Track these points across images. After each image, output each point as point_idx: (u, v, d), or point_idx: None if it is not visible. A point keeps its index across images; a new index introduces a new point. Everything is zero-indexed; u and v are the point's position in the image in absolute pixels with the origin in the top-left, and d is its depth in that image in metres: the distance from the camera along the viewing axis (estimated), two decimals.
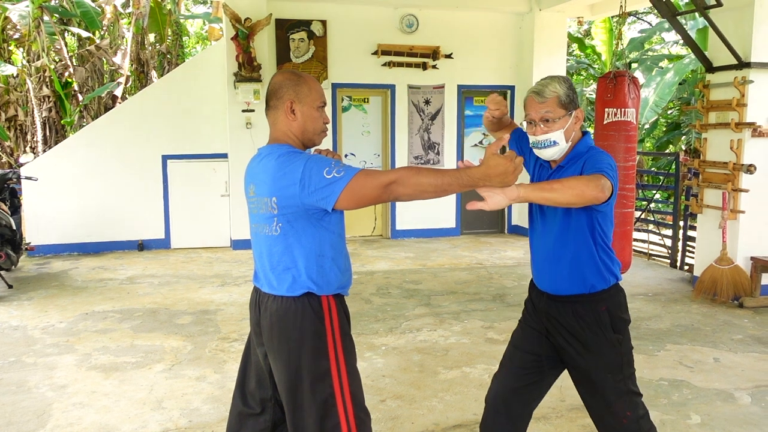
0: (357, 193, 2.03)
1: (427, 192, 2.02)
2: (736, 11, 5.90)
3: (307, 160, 2.08)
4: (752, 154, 5.97)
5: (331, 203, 2.05)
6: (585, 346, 2.36)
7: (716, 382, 4.14)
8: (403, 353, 4.65)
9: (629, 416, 2.35)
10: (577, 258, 2.36)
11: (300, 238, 2.15)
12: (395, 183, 2.00)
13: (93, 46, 13.07)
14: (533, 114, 2.36)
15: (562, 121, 2.34)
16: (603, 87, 4.46)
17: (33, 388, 4.03)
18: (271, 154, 2.18)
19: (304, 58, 8.87)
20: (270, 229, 2.18)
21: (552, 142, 2.34)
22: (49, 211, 8.27)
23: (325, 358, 2.16)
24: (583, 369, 2.39)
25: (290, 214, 2.12)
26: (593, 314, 2.36)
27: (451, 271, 7.39)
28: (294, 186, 2.07)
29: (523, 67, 9.74)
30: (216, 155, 8.70)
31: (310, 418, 2.14)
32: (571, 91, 2.37)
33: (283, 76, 2.27)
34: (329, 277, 2.19)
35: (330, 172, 2.04)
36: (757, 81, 5.88)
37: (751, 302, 5.88)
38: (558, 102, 2.33)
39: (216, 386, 4.05)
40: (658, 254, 8.08)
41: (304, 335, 2.15)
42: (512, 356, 2.54)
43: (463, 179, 1.99)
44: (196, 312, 5.71)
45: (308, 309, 2.16)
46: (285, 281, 2.17)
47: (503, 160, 1.94)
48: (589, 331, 2.36)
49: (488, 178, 1.96)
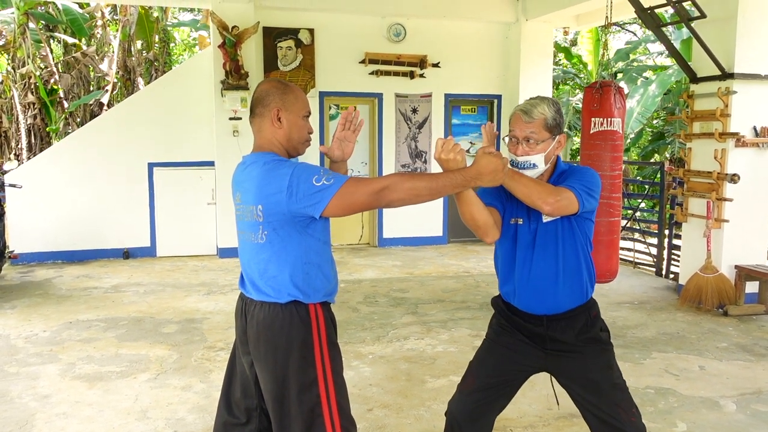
0: (347, 200, 2.04)
1: (421, 196, 2.06)
2: (720, 23, 5.97)
3: (294, 168, 2.09)
4: (736, 163, 6.03)
5: (319, 210, 2.05)
6: (585, 351, 2.41)
7: (702, 390, 4.16)
8: (390, 362, 4.64)
9: (635, 414, 2.38)
10: (578, 272, 2.41)
11: (285, 245, 2.14)
12: (387, 189, 2.02)
13: (79, 53, 13.02)
14: (518, 132, 2.36)
15: (544, 144, 2.34)
16: (589, 97, 4.50)
17: (15, 398, 3.97)
18: (257, 162, 2.18)
19: (291, 66, 8.87)
20: (256, 237, 2.18)
21: (532, 164, 2.34)
22: (33, 219, 8.19)
23: (312, 367, 2.15)
24: (586, 374, 2.41)
25: (276, 221, 2.12)
26: (589, 320, 2.44)
27: (439, 280, 7.40)
28: (281, 193, 2.06)
29: (509, 77, 9.80)
30: (203, 163, 8.67)
31: (297, 427, 2.13)
32: (558, 115, 2.37)
33: (269, 85, 2.28)
34: (315, 284, 2.19)
35: (319, 179, 2.05)
36: (740, 91, 5.95)
37: (736, 310, 5.92)
38: (544, 125, 2.33)
39: (202, 396, 4.02)
40: (643, 263, 8.13)
41: (291, 344, 2.14)
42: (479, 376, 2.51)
43: (456, 180, 2.05)
44: (181, 321, 5.66)
45: (295, 317, 2.15)
46: (271, 289, 2.17)
47: (494, 159, 2.06)
48: (586, 337, 2.42)
49: (480, 176, 2.07)
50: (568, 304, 2.41)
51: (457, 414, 2.50)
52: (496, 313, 2.60)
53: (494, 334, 2.58)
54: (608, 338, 2.48)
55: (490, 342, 2.58)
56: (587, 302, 2.46)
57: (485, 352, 2.57)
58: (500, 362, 2.49)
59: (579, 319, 2.43)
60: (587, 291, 2.45)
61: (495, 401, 2.49)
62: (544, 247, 2.39)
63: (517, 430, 3.56)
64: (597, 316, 2.49)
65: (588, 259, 2.45)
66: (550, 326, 2.42)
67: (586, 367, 2.41)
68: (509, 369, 2.48)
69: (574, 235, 2.38)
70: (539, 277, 2.41)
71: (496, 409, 2.52)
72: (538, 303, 2.42)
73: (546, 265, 2.39)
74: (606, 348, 2.45)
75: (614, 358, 2.47)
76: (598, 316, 2.49)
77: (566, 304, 2.41)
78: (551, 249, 2.39)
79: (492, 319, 2.63)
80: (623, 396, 2.40)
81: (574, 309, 2.42)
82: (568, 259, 2.39)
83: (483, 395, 2.47)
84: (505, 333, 2.52)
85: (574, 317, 2.42)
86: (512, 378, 2.50)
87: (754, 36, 5.93)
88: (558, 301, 2.41)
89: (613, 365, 2.45)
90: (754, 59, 5.95)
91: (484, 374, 2.50)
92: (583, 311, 2.44)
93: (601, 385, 2.40)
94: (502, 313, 2.55)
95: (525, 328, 2.46)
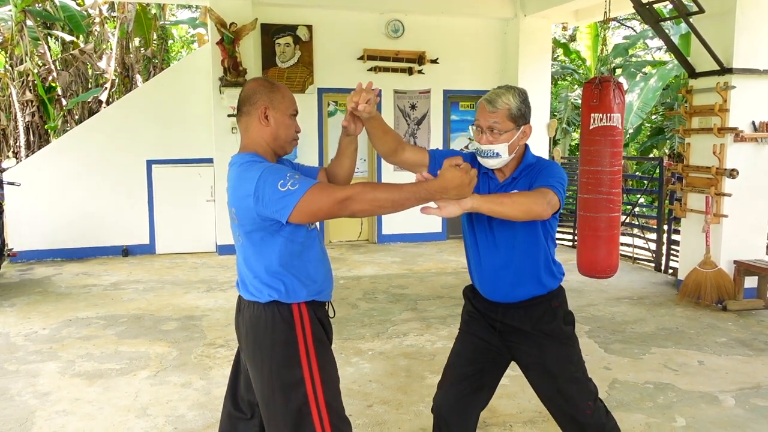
0: (310, 208, 2.01)
1: (384, 207, 2.04)
2: (718, 18, 5.96)
3: (262, 171, 2.06)
4: (735, 158, 6.03)
5: (285, 216, 2.03)
6: (543, 342, 2.43)
7: (701, 385, 4.17)
8: (389, 358, 4.65)
9: (591, 406, 2.42)
10: (534, 262, 2.41)
11: (258, 248, 2.15)
12: (350, 199, 2.00)
13: (77, 50, 12.99)
14: (482, 121, 2.36)
15: (508, 134, 2.33)
16: (589, 92, 4.48)
17: (15, 396, 3.97)
18: (236, 164, 2.19)
19: (289, 63, 8.86)
20: (237, 238, 2.22)
21: (495, 153, 2.34)
22: (32, 217, 8.19)
23: (297, 366, 2.13)
24: (543, 365, 2.45)
25: (248, 224, 2.12)
26: (549, 312, 2.45)
27: (438, 276, 7.40)
28: (249, 198, 2.06)
29: (508, 72, 9.79)
30: (201, 160, 8.66)
31: (285, 427, 2.12)
32: (524, 105, 2.36)
33: (256, 83, 2.27)
34: (294, 286, 2.17)
35: (285, 184, 2.01)
36: (739, 86, 5.95)
37: (735, 305, 5.93)
38: (508, 114, 2.33)
39: (201, 393, 4.02)
40: (642, 258, 8.14)
41: (275, 344, 2.15)
42: (456, 366, 2.55)
43: (420, 193, 2.01)
44: (181, 318, 5.67)
45: (277, 317, 2.15)
46: (254, 288, 2.19)
47: (460, 173, 1.99)
48: (546, 328, 2.43)
49: (445, 190, 2.00)
50: (523, 294, 2.42)
51: (442, 408, 2.52)
52: (465, 302, 2.65)
53: (464, 324, 2.63)
54: (571, 332, 2.48)
55: (461, 333, 2.63)
56: (546, 293, 2.45)
57: (458, 343, 2.61)
58: (472, 351, 2.53)
59: (537, 309, 2.43)
60: (546, 282, 2.44)
61: (477, 392, 2.51)
62: (501, 233, 2.40)
63: (516, 425, 3.57)
64: (559, 307, 2.48)
65: (549, 250, 2.44)
66: (506, 314, 2.45)
67: (543, 358, 2.44)
68: (482, 358, 2.51)
69: (533, 224, 2.37)
70: (492, 264, 2.44)
71: (479, 402, 2.54)
72: (493, 290, 2.47)
73: (499, 252, 2.41)
74: (566, 342, 2.46)
75: (576, 352, 2.48)
76: (560, 308, 2.48)
77: (521, 293, 2.42)
78: (507, 236, 2.39)
79: (463, 308, 2.67)
80: (581, 388, 2.43)
81: (531, 299, 2.42)
82: (524, 247, 2.39)
83: (463, 387, 2.49)
84: (473, 321, 2.57)
85: (531, 307, 2.43)
86: (488, 368, 2.52)
87: (752, 31, 5.92)
88: (512, 290, 2.42)
89: (572, 359, 2.45)
90: (752, 54, 5.94)
91: (460, 365, 2.54)
92: (542, 302, 2.44)
93: (557, 379, 2.43)
94: (470, 301, 2.60)
95: (487, 315, 2.51)
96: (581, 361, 2.49)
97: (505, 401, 3.84)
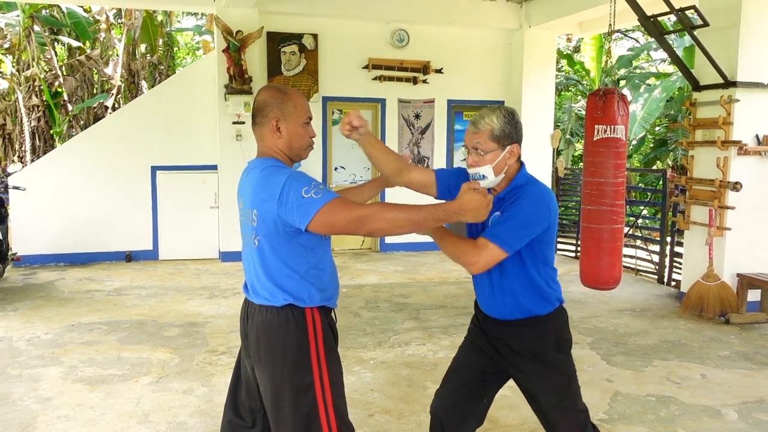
0: (330, 219, 2.03)
1: (402, 227, 2.06)
2: (723, 31, 5.98)
3: (287, 177, 2.09)
4: (738, 171, 6.03)
5: (305, 222, 2.05)
6: (531, 368, 2.40)
7: (703, 399, 4.15)
8: (391, 367, 4.64)
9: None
10: (517, 287, 2.37)
11: (277, 252, 2.16)
12: (368, 217, 2.02)
13: (83, 56, 13.06)
14: (467, 141, 2.37)
15: (492, 155, 2.30)
16: (593, 104, 4.50)
17: (17, 401, 3.98)
18: (257, 168, 2.21)
19: (295, 71, 8.90)
20: (252, 241, 2.21)
21: (481, 175, 2.31)
22: (36, 222, 8.21)
23: (309, 371, 2.15)
24: (530, 389, 2.44)
25: (267, 227, 2.14)
26: (539, 337, 2.39)
27: (440, 285, 7.39)
28: (272, 201, 2.08)
29: (512, 83, 9.83)
30: (206, 167, 8.69)
31: (294, 430, 2.13)
32: (508, 126, 2.30)
33: (267, 94, 2.28)
34: (309, 291, 2.19)
35: (308, 191, 2.04)
36: (743, 100, 5.96)
37: (738, 318, 5.92)
38: (491, 135, 2.29)
39: (203, 399, 4.02)
40: (645, 270, 8.12)
41: (288, 348, 2.16)
42: (457, 372, 2.58)
43: (438, 214, 2.04)
44: (183, 324, 5.67)
45: (291, 321, 2.17)
46: (267, 292, 2.19)
47: (478, 196, 2.02)
48: (535, 353, 2.39)
49: (463, 212, 2.04)
50: (508, 314, 2.40)
51: (440, 412, 2.53)
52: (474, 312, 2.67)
53: (468, 332, 2.65)
54: (564, 360, 2.41)
55: (465, 340, 2.64)
56: (531, 318, 2.38)
57: (461, 350, 2.63)
58: (473, 360, 2.54)
59: (528, 330, 2.39)
60: (529, 307, 2.38)
61: (474, 401, 2.52)
62: None
63: None
64: (550, 334, 2.40)
65: (537, 277, 2.37)
66: (499, 329, 2.45)
67: (529, 383, 2.43)
68: (481, 368, 2.52)
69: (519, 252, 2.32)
70: (480, 279, 2.46)
71: (475, 411, 2.54)
72: (484, 303, 2.49)
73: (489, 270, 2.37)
74: (554, 369, 2.39)
75: (566, 381, 2.42)
76: (550, 335, 2.40)
77: (505, 313, 2.41)
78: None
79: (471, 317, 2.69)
80: (566, 417, 2.40)
81: (519, 320, 2.39)
82: (505, 268, 2.35)
83: (462, 392, 2.51)
84: (477, 330, 2.58)
85: (522, 327, 2.40)
86: (487, 378, 2.53)
87: (756, 44, 5.94)
88: (498, 307, 2.42)
89: (560, 388, 2.40)
90: (756, 67, 5.96)
91: (462, 371, 2.56)
92: (535, 324, 2.39)
93: (542, 405, 2.43)
94: (475, 311, 2.63)
95: (484, 327, 2.53)
96: (571, 390, 2.42)
97: (506, 412, 3.84)
